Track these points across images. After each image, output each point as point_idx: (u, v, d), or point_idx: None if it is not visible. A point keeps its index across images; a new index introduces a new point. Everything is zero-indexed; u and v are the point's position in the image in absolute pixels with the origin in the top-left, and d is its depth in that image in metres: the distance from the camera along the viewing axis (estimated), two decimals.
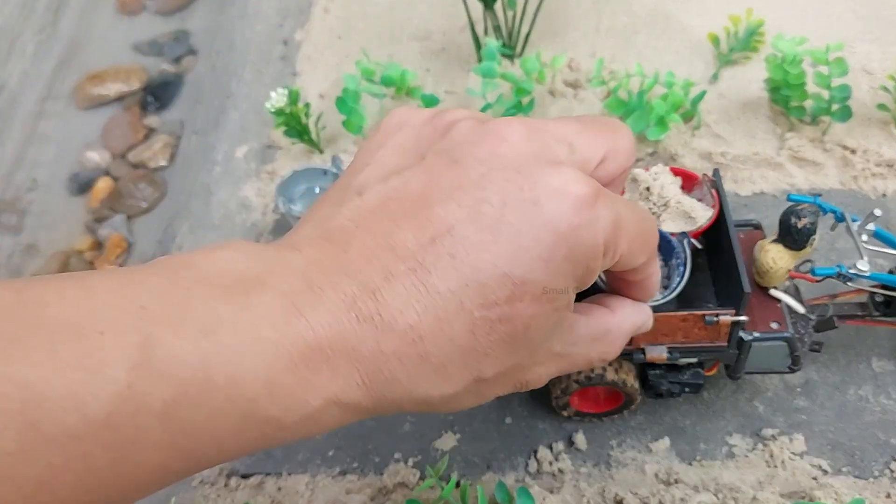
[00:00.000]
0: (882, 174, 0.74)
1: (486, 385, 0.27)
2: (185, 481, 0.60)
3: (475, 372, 0.26)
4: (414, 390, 0.25)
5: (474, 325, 0.24)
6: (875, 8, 0.91)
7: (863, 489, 0.56)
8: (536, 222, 0.24)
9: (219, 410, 0.21)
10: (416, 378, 0.24)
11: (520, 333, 0.25)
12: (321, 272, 0.23)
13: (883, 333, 0.64)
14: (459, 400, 0.27)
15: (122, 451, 0.19)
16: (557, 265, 0.24)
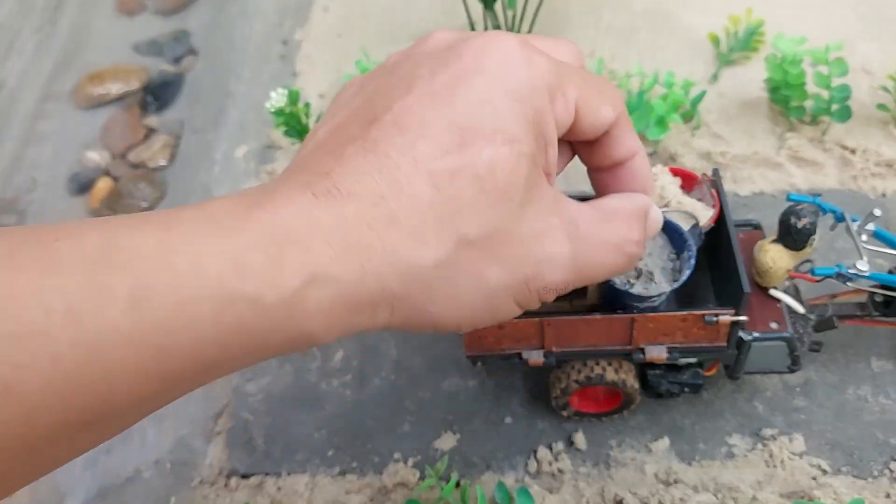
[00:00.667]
0: (882, 174, 0.74)
1: (481, 258, 0.25)
2: (184, 481, 0.60)
3: (454, 230, 0.24)
4: (393, 258, 0.23)
5: (433, 178, 0.23)
6: (875, 7, 0.91)
7: (862, 489, 0.56)
8: (470, 74, 0.24)
9: (187, 296, 0.20)
10: (391, 242, 0.23)
11: (486, 179, 0.24)
12: (277, 181, 0.24)
13: (882, 333, 0.64)
14: (454, 278, 0.25)
15: (91, 347, 0.18)
16: (499, 104, 0.24)
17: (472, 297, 0.26)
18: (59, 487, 0.63)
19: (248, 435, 0.62)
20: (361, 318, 0.24)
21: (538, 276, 0.27)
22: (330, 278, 0.22)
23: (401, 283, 0.24)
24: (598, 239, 0.29)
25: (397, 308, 0.25)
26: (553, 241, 0.28)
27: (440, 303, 0.25)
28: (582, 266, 0.29)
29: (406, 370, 0.65)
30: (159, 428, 0.64)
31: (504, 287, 0.27)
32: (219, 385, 0.66)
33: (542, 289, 0.28)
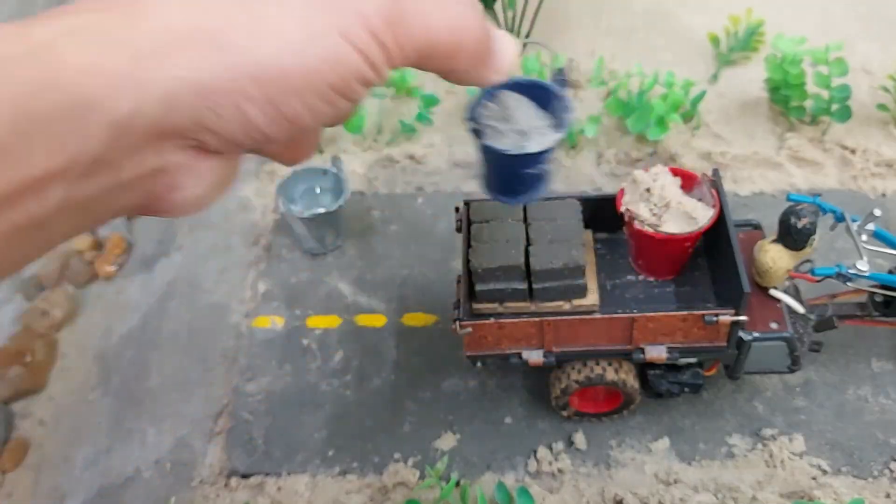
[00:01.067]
0: (881, 174, 0.74)
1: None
2: (184, 481, 0.60)
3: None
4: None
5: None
6: (875, 8, 0.91)
7: (862, 489, 0.56)
8: None
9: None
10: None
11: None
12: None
13: (882, 333, 0.64)
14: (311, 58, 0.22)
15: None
16: None
17: (283, 20, 0.23)
18: (59, 487, 0.63)
19: (248, 435, 0.62)
20: (153, 70, 0.21)
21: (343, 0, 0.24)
22: (90, 26, 0.21)
23: (183, 13, 0.22)
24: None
25: (196, 50, 0.22)
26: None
27: (245, 33, 0.23)
28: (401, 5, 0.26)
29: (406, 371, 0.65)
30: (159, 428, 0.64)
31: (316, 6, 0.24)
32: (219, 385, 0.66)
33: (363, 6, 0.25)
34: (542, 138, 0.44)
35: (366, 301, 0.70)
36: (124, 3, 0.22)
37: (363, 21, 0.25)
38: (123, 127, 0.21)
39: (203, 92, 0.22)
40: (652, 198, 0.52)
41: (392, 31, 0.26)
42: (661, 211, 0.52)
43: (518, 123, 0.44)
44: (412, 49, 0.27)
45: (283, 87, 0.24)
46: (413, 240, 0.73)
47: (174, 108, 0.22)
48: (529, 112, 0.45)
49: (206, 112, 0.23)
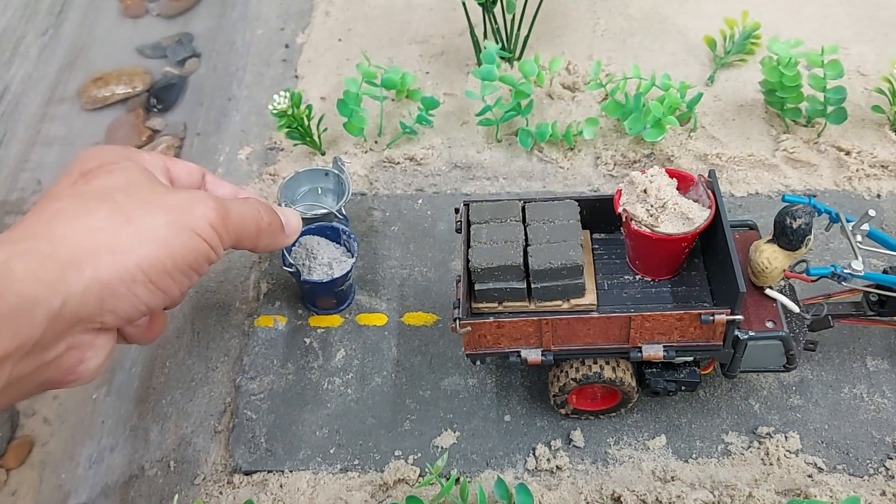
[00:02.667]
0: (876, 175, 0.75)
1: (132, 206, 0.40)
2: (188, 478, 0.61)
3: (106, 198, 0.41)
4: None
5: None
6: (869, 10, 0.92)
7: (857, 487, 0.57)
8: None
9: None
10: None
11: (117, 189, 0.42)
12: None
13: (877, 332, 0.64)
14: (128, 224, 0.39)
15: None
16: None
17: (153, 226, 0.39)
18: (63, 485, 0.64)
19: (251, 433, 0.63)
20: (71, 274, 0.36)
21: (194, 207, 0.42)
22: (23, 251, 0.35)
23: (87, 235, 0.38)
24: (233, 200, 0.48)
25: (98, 259, 0.37)
26: (193, 193, 0.44)
27: (128, 240, 0.38)
28: (225, 206, 0.44)
29: (406, 369, 0.66)
30: (163, 426, 0.64)
31: (174, 215, 0.40)
32: (222, 384, 0.66)
33: (203, 213, 0.42)
34: (341, 265, 0.65)
35: (367, 300, 0.70)
36: (47, 232, 0.34)
37: (206, 221, 0.41)
38: (56, 316, 0.32)
39: (106, 284, 0.36)
40: (648, 199, 0.53)
41: (222, 222, 0.43)
42: (657, 212, 0.53)
43: (321, 258, 0.65)
44: (234, 233, 0.45)
45: (158, 270, 0.38)
46: (413, 240, 0.74)
47: (87, 299, 0.34)
48: (328, 247, 0.66)
49: (108, 298, 0.36)
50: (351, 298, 0.69)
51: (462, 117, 0.85)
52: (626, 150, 0.79)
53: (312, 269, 0.65)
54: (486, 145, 0.82)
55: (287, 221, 0.55)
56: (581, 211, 0.57)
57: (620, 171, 0.78)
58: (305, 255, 0.66)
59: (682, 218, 0.53)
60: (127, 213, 0.37)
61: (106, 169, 0.41)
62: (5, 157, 0.92)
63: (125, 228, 0.37)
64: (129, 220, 0.37)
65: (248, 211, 0.47)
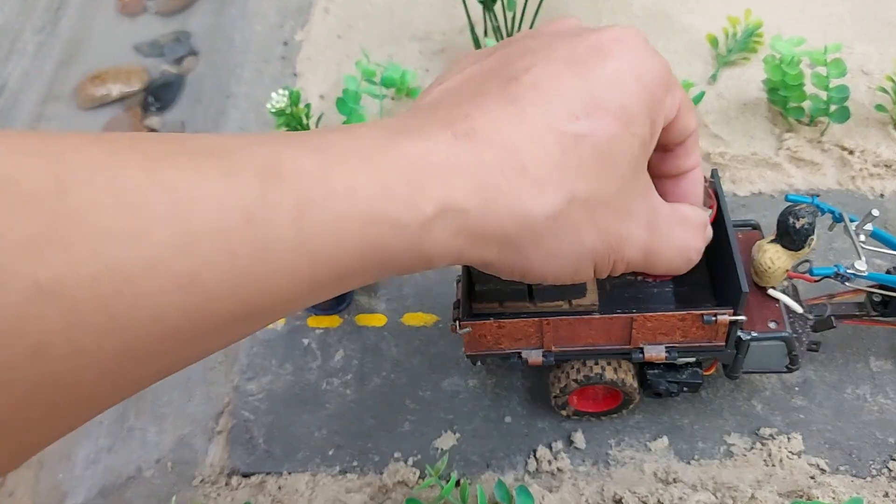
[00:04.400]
0: (880, 174, 0.75)
1: (583, 219, 0.29)
2: (185, 480, 0.60)
3: (569, 187, 0.28)
4: (515, 201, 0.27)
5: (562, 139, 0.27)
6: (873, 9, 0.91)
7: (860, 488, 0.56)
8: (604, 54, 0.29)
9: (341, 212, 0.23)
10: (517, 188, 0.27)
11: (605, 150, 0.28)
12: (414, 117, 0.27)
13: (880, 333, 0.64)
14: (559, 233, 0.29)
15: (261, 249, 0.21)
16: (627, 86, 0.29)
17: (567, 253, 0.31)
18: (60, 486, 0.64)
19: (249, 434, 0.62)
20: (473, 249, 0.27)
21: (619, 248, 0.32)
22: (460, 210, 0.26)
23: (516, 225, 0.28)
24: (670, 236, 0.35)
25: (504, 249, 0.28)
26: (637, 223, 0.33)
27: (541, 253, 0.30)
28: (651, 254, 0.34)
29: (406, 369, 0.65)
30: (160, 427, 0.64)
31: (593, 251, 0.31)
32: (220, 384, 0.66)
33: (619, 260, 0.33)
34: None
35: (366, 301, 0.70)
36: (490, 187, 0.27)
37: (614, 266, 0.34)
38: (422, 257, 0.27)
39: (488, 265, 0.31)
40: None
41: (626, 269, 0.35)
42: None
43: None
44: (631, 268, 0.36)
45: (535, 279, 0.32)
46: None
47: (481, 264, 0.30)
48: None
49: (478, 264, 0.30)
50: (350, 299, 0.69)
51: None
52: None
53: None
54: None
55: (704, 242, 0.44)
56: None
57: None
58: None
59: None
60: (563, 225, 0.29)
61: (610, 131, 0.29)
62: None
63: (547, 241, 0.30)
64: (558, 235, 0.29)
65: (682, 259, 0.39)
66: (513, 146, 0.27)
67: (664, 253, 0.35)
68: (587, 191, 0.28)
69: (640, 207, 0.32)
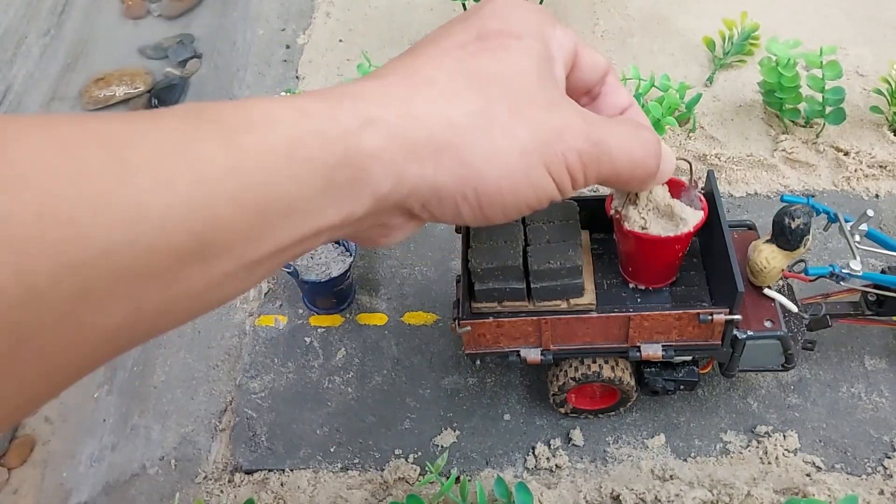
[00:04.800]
0: (875, 175, 0.76)
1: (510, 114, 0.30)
2: (189, 477, 0.61)
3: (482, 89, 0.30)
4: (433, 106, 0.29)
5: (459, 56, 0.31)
6: (868, 11, 0.92)
7: (856, 485, 0.57)
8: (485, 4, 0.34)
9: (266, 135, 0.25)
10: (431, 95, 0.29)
11: (502, 58, 0.31)
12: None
13: (875, 332, 0.65)
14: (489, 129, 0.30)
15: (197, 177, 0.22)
16: (510, 15, 0.33)
17: (507, 149, 0.31)
18: (64, 483, 0.64)
19: (251, 431, 0.63)
20: (412, 164, 0.28)
21: (561, 137, 0.32)
22: (380, 120, 0.27)
23: (442, 126, 0.28)
24: (616, 129, 0.34)
25: (441, 158, 0.29)
26: (569, 114, 0.32)
27: (480, 154, 0.30)
28: (600, 143, 0.33)
29: (406, 368, 0.66)
30: (164, 425, 0.65)
31: (534, 145, 0.31)
32: (222, 382, 0.67)
33: (567, 151, 0.32)
34: (339, 264, 0.65)
35: (367, 300, 0.71)
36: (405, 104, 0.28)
37: (566, 161, 0.32)
38: (381, 200, 0.28)
39: (438, 190, 0.30)
40: (639, 202, 0.52)
41: (584, 169, 0.33)
42: (649, 216, 0.52)
43: (319, 258, 0.64)
44: (595, 179, 0.35)
45: (493, 201, 0.31)
46: (413, 240, 0.75)
47: (414, 195, 0.29)
48: (326, 247, 0.65)
49: (433, 202, 0.30)
50: (351, 298, 0.70)
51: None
52: None
53: (310, 269, 0.65)
54: None
55: (665, 166, 0.39)
56: (580, 211, 0.57)
57: None
58: (304, 255, 0.66)
59: (674, 220, 0.52)
60: (490, 120, 0.30)
61: (503, 44, 0.31)
62: None
63: (482, 137, 0.29)
64: (489, 130, 0.30)
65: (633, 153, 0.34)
66: (415, 70, 0.30)
67: (615, 139, 0.33)
68: (498, 90, 0.30)
69: (566, 104, 0.33)
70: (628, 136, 0.35)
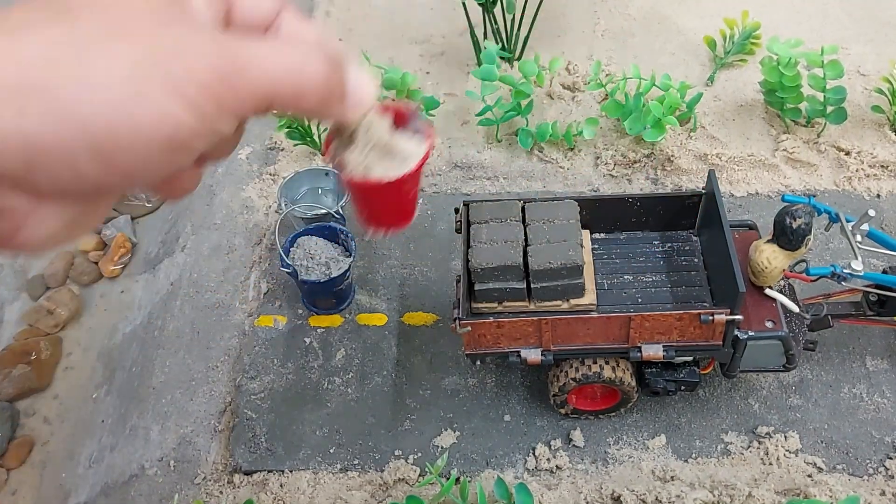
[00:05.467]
0: (876, 175, 0.75)
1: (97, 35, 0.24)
2: (188, 478, 0.61)
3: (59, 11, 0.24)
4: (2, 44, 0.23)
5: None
6: (869, 11, 0.92)
7: (857, 486, 0.57)
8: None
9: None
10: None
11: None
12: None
13: (876, 332, 0.64)
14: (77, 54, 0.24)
15: None
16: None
17: (109, 77, 0.24)
18: (63, 484, 0.64)
19: (251, 432, 0.63)
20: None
21: (180, 54, 0.25)
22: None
23: (16, 66, 0.23)
24: (258, 40, 0.28)
25: (27, 103, 0.23)
26: (188, 29, 0.26)
27: (74, 89, 0.23)
28: (235, 54, 0.26)
29: (406, 369, 0.66)
30: (163, 426, 0.64)
31: (143, 67, 0.25)
32: (222, 383, 0.66)
33: (193, 67, 0.26)
34: (339, 265, 0.63)
35: (367, 300, 0.70)
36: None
37: (193, 77, 0.25)
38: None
39: (32, 141, 0.23)
40: (357, 142, 0.45)
41: (227, 83, 0.26)
42: (370, 156, 0.45)
43: (319, 258, 0.64)
44: (252, 98, 0.27)
45: (112, 142, 0.24)
46: (413, 240, 0.74)
47: (6, 151, 0.23)
48: (326, 247, 0.65)
49: (36, 161, 0.24)
50: (351, 298, 0.69)
51: (462, 117, 0.85)
52: (626, 150, 0.79)
53: (310, 270, 0.65)
54: (486, 145, 0.82)
55: (356, 88, 0.32)
56: (581, 211, 0.57)
57: (620, 171, 0.78)
58: (303, 255, 0.66)
59: (399, 158, 0.45)
60: (80, 45, 0.24)
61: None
62: None
63: (68, 67, 0.24)
64: (78, 55, 0.24)
65: (288, 62, 0.29)
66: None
67: (259, 51, 0.27)
68: (90, 13, 0.24)
69: (189, 23, 0.26)
70: (278, 48, 0.29)
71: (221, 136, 0.26)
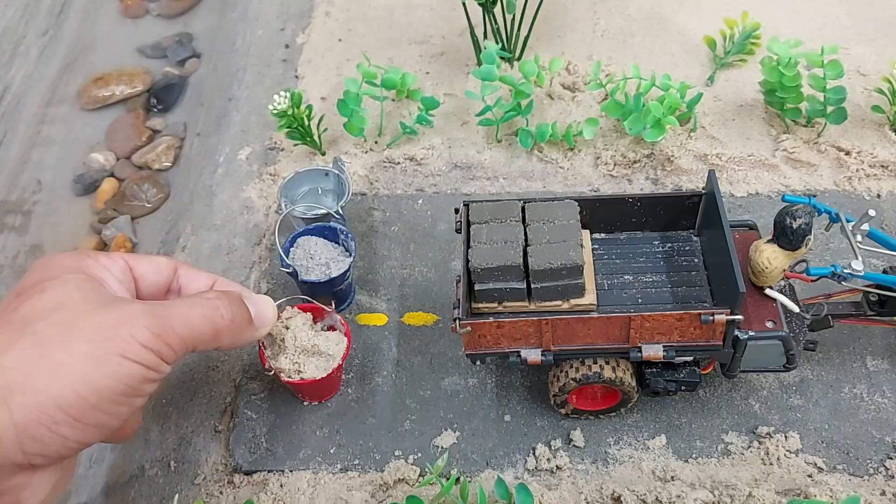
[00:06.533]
0: (876, 175, 0.75)
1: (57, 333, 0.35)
2: (188, 478, 0.61)
3: (20, 326, 0.37)
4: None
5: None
6: (869, 10, 0.92)
7: (858, 486, 0.57)
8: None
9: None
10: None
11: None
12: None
13: (877, 332, 0.64)
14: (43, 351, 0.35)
15: None
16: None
17: (72, 362, 0.35)
18: None
19: (251, 433, 0.63)
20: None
21: (122, 325, 0.37)
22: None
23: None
24: (176, 301, 0.42)
25: (12, 402, 0.33)
26: (124, 305, 0.39)
27: (44, 379, 0.33)
28: (162, 314, 0.40)
29: (407, 369, 0.66)
30: (163, 426, 0.64)
31: (94, 343, 0.36)
32: (222, 383, 0.66)
33: (133, 331, 0.38)
34: (339, 265, 0.64)
35: (367, 300, 0.70)
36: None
37: (135, 340, 0.37)
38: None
39: (23, 427, 0.32)
40: (287, 347, 0.57)
41: (160, 338, 0.38)
42: (300, 359, 0.57)
43: (319, 258, 0.65)
44: (181, 344, 0.40)
45: (83, 407, 0.34)
46: (413, 240, 0.74)
47: (4, 444, 0.32)
48: (326, 247, 0.66)
49: (29, 441, 0.33)
50: (351, 298, 0.69)
51: (462, 117, 0.85)
52: (626, 151, 0.79)
53: (310, 270, 0.65)
54: (486, 145, 0.82)
55: (258, 313, 0.49)
56: (581, 211, 0.57)
57: (620, 171, 0.78)
58: (303, 256, 0.66)
59: (324, 356, 0.58)
60: (43, 347, 0.34)
61: (39, 288, 0.37)
62: (5, 158, 0.92)
63: (38, 365, 0.33)
64: (43, 354, 0.34)
65: (201, 313, 0.42)
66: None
67: (179, 308, 0.41)
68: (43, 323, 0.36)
69: (124, 302, 0.40)
70: (191, 302, 0.42)
71: (164, 376, 0.39)
